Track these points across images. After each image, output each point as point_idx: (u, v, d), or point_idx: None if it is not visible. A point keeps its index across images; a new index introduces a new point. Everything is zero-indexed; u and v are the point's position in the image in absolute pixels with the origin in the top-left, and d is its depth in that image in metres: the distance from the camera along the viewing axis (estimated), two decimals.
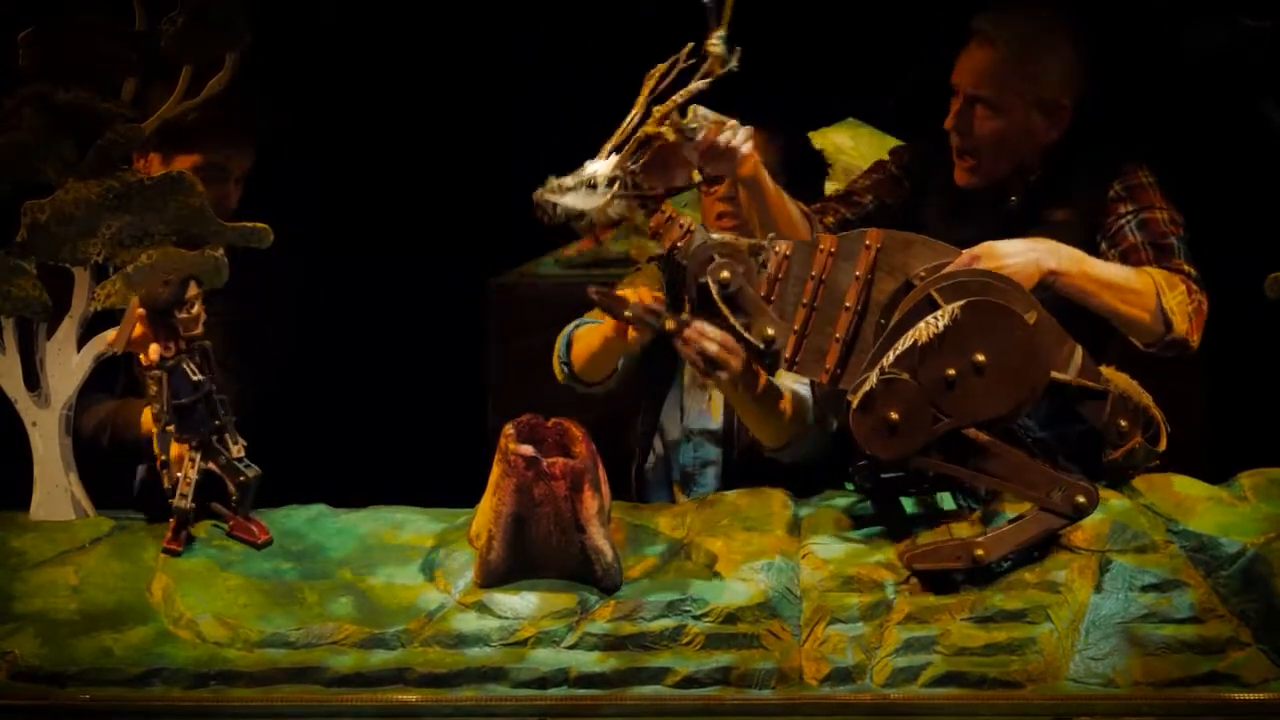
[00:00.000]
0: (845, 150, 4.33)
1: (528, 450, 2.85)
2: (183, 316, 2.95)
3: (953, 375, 2.84)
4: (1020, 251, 3.14)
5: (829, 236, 2.99)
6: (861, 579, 2.89)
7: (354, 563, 2.98)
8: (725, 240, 2.96)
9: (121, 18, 2.98)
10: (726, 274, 2.92)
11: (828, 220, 3.47)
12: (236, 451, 3.00)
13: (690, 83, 2.85)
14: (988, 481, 2.93)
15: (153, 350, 2.97)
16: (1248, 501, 3.01)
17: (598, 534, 2.87)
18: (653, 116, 2.86)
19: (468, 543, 2.98)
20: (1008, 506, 2.99)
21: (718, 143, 3.00)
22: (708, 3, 2.80)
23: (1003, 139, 3.45)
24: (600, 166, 2.86)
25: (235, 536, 3.02)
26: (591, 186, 2.85)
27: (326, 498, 3.18)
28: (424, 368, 4.49)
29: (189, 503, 2.99)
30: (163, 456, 3.02)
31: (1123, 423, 2.99)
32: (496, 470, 2.87)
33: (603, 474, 2.95)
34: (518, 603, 2.85)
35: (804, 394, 3.39)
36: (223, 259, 2.97)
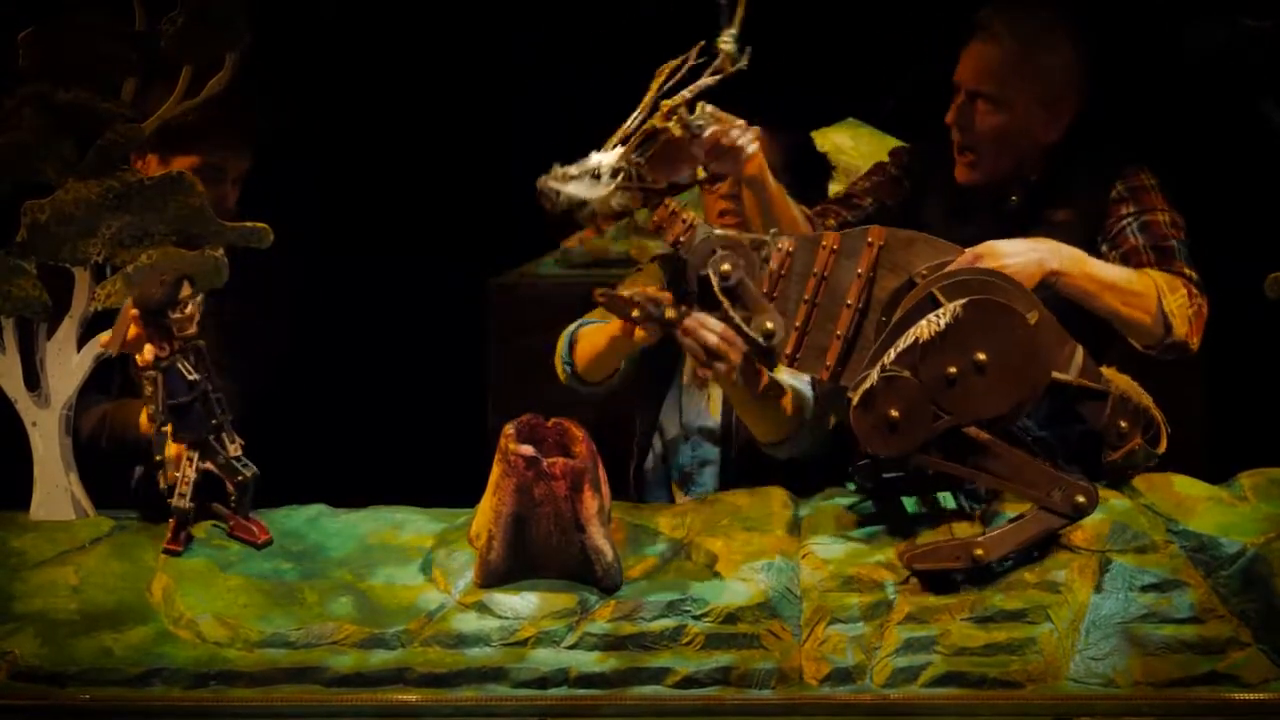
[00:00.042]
0: (845, 150, 4.33)
1: (528, 450, 2.85)
2: (176, 316, 2.95)
3: (954, 373, 2.84)
4: (1022, 251, 3.14)
5: (832, 233, 2.99)
6: (861, 579, 2.89)
7: (354, 563, 2.98)
8: (728, 235, 2.97)
9: (121, 18, 2.99)
10: (728, 266, 2.92)
11: (829, 223, 3.47)
12: (234, 450, 3.00)
13: (700, 79, 2.85)
14: (988, 480, 2.93)
15: (147, 351, 2.97)
16: (1248, 501, 3.01)
17: (598, 534, 2.86)
18: (660, 111, 2.87)
19: (468, 543, 2.98)
20: (1008, 506, 2.99)
21: (723, 141, 3.01)
22: (721, 1, 2.81)
23: (1003, 135, 3.45)
24: (605, 157, 2.87)
25: (235, 537, 3.02)
26: (595, 177, 2.85)
27: (326, 498, 3.18)
28: (424, 368, 4.49)
29: (188, 502, 2.99)
30: (159, 457, 3.02)
31: (1123, 424, 2.99)
32: (496, 470, 2.87)
33: (603, 474, 2.95)
34: (518, 603, 2.85)
35: (802, 390, 3.39)
36: (223, 259, 2.97)
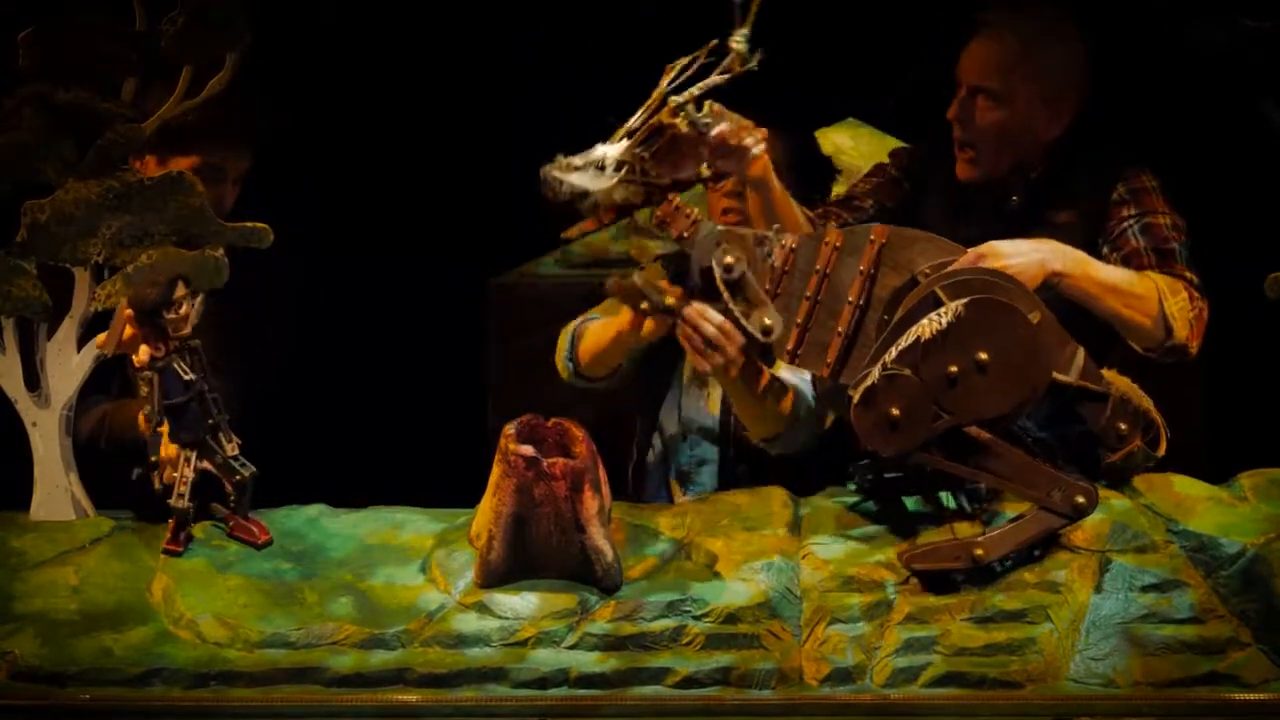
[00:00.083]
0: (845, 150, 4.33)
1: (528, 450, 2.85)
2: (171, 317, 2.95)
3: (955, 372, 2.84)
4: (1025, 252, 3.14)
5: (835, 231, 2.99)
6: (862, 579, 2.89)
7: (354, 563, 2.98)
8: (731, 229, 2.97)
9: (121, 18, 2.98)
10: (731, 259, 2.92)
11: (829, 225, 3.47)
12: (231, 450, 3.00)
13: (709, 77, 2.86)
14: (988, 480, 2.93)
15: (143, 351, 2.97)
16: (1248, 502, 3.01)
17: (598, 534, 2.86)
18: (668, 106, 2.87)
19: (468, 543, 2.98)
20: (1008, 507, 2.99)
21: (729, 140, 3.01)
22: (736, 1, 2.81)
23: (1004, 131, 3.46)
24: (610, 150, 2.87)
25: (235, 537, 3.02)
26: (600, 168, 2.86)
27: (326, 498, 3.18)
28: (424, 368, 4.48)
29: (186, 502, 2.99)
30: (153, 458, 3.02)
31: (1122, 426, 2.98)
32: (497, 470, 2.87)
33: (603, 474, 2.95)
34: (518, 603, 2.85)
35: (797, 386, 3.39)
36: (223, 259, 2.97)
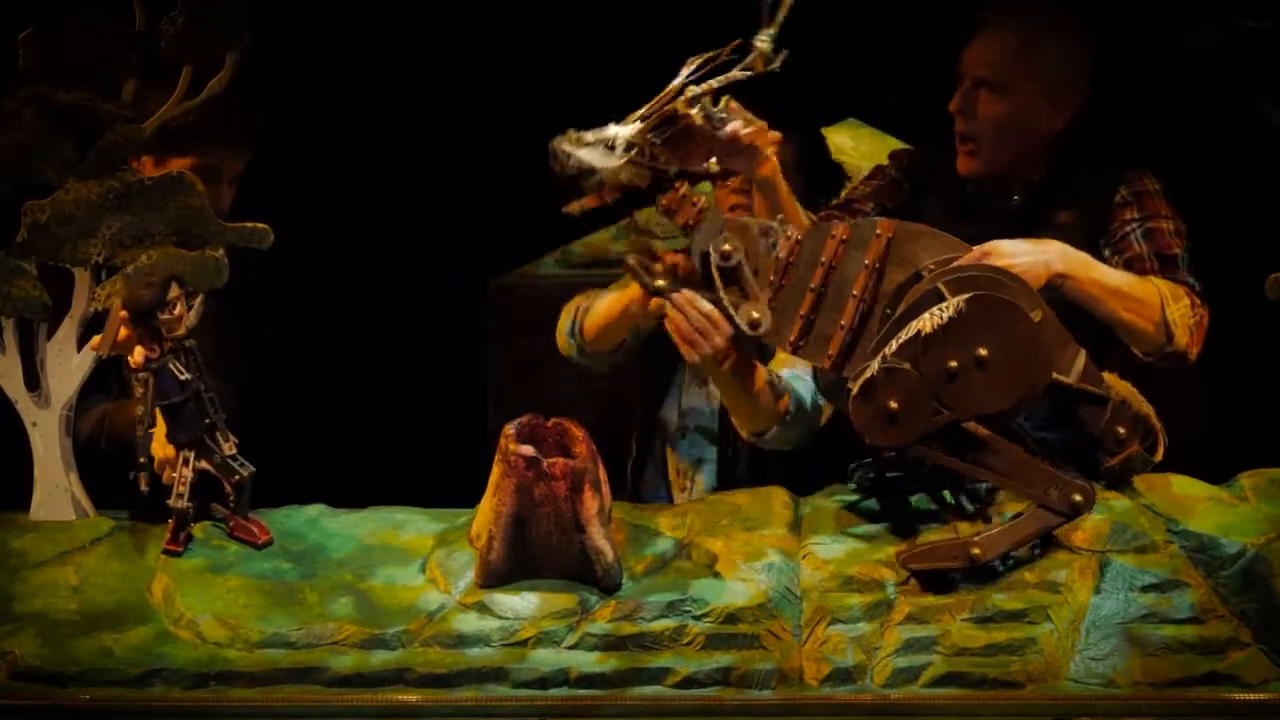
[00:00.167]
0: (845, 150, 4.32)
1: (528, 450, 2.85)
2: (165, 318, 2.95)
3: (954, 368, 2.83)
4: (1030, 251, 3.14)
5: (841, 224, 2.98)
6: (862, 579, 2.89)
7: (354, 563, 2.98)
8: (736, 219, 2.97)
9: (121, 18, 2.98)
10: (728, 247, 2.91)
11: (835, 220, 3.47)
12: (228, 449, 3.00)
13: (730, 72, 2.86)
14: (986, 476, 2.92)
15: (137, 352, 2.97)
16: (1248, 502, 3.01)
17: (598, 534, 2.86)
18: (685, 96, 2.87)
19: (468, 543, 2.98)
20: (1007, 507, 2.99)
21: (741, 138, 3.01)
22: (764, 1, 2.82)
23: (1006, 123, 3.46)
24: (622, 130, 2.87)
25: (235, 537, 3.02)
26: (610, 147, 2.85)
27: (326, 498, 3.18)
28: (424, 368, 4.49)
29: (185, 502, 2.99)
30: (142, 459, 3.02)
31: (1121, 430, 2.98)
32: (497, 470, 2.87)
33: (603, 474, 2.95)
34: (518, 603, 2.85)
35: (793, 384, 3.38)
36: (223, 259, 2.97)
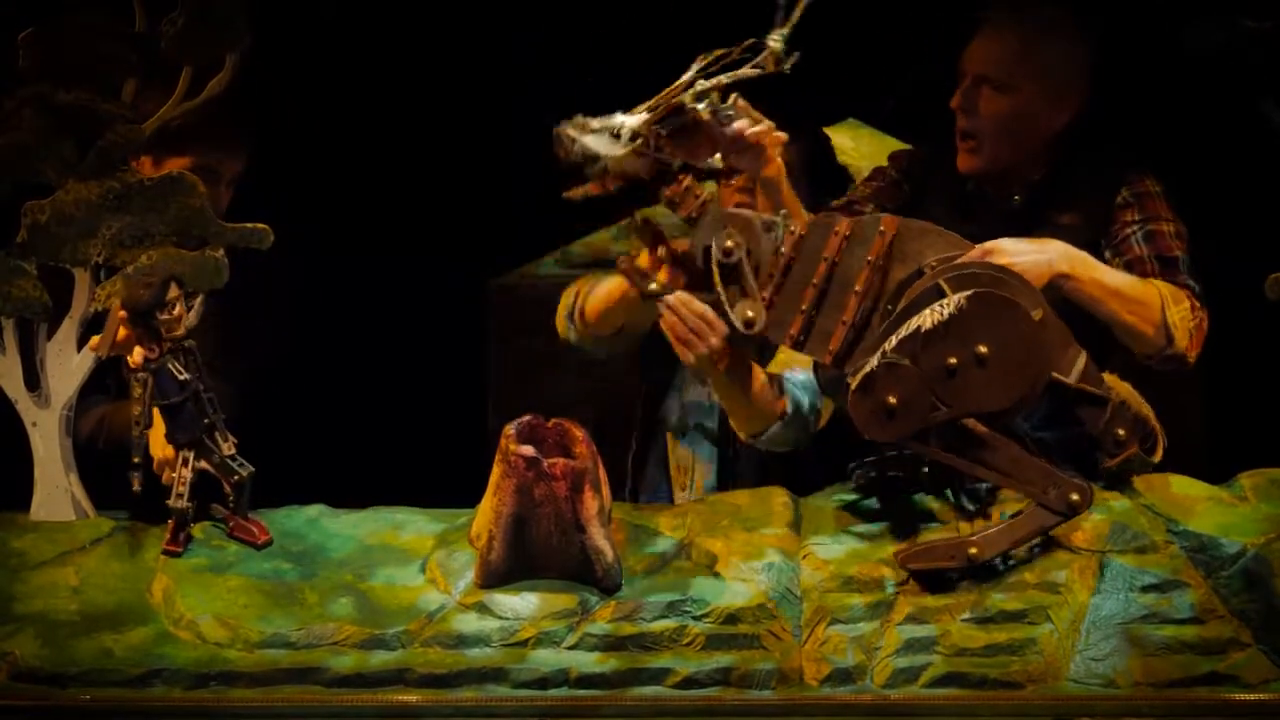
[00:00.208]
0: (845, 150, 4.32)
1: (528, 451, 2.85)
2: (164, 318, 2.95)
3: (954, 364, 2.83)
4: (1032, 251, 3.14)
5: (844, 220, 2.97)
6: (862, 579, 2.89)
7: (354, 563, 2.98)
8: (740, 213, 2.96)
9: (121, 18, 2.98)
10: (731, 244, 2.91)
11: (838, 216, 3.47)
12: (228, 449, 3.00)
13: (741, 70, 2.86)
14: (984, 474, 2.92)
15: (136, 353, 2.97)
16: (1248, 502, 3.01)
17: (598, 534, 2.86)
18: (694, 90, 2.87)
19: (468, 543, 2.98)
20: (1008, 507, 2.98)
21: (747, 136, 3.01)
22: (780, 1, 2.82)
23: (1007, 120, 3.46)
24: (629, 119, 2.87)
25: (235, 537, 3.02)
26: (615, 136, 2.85)
27: (326, 498, 3.18)
28: (424, 368, 4.48)
29: (185, 503, 2.99)
30: (136, 459, 3.02)
31: (1120, 431, 2.97)
32: (497, 471, 2.87)
33: (603, 474, 2.95)
34: (518, 603, 2.85)
35: (792, 386, 3.38)
36: (223, 260, 2.97)
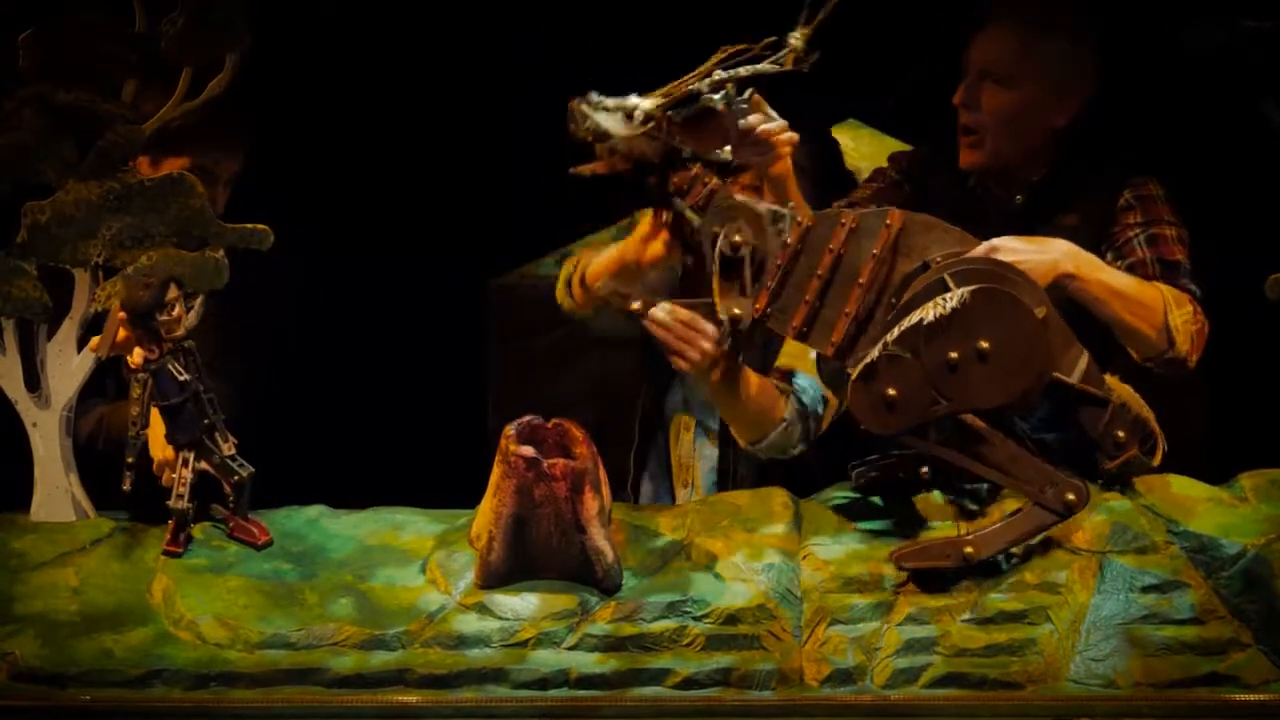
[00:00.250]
0: (845, 151, 4.33)
1: (528, 451, 2.85)
2: (164, 319, 2.95)
3: (955, 359, 2.83)
4: (1037, 249, 3.14)
5: (850, 212, 2.96)
6: (862, 580, 2.89)
7: (354, 564, 2.98)
8: (747, 202, 2.94)
9: (121, 18, 2.98)
10: (739, 239, 2.90)
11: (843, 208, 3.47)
12: (227, 450, 3.00)
13: (760, 65, 2.86)
14: (981, 470, 2.92)
15: (136, 354, 2.98)
16: (1248, 502, 3.01)
17: (598, 535, 2.86)
18: (710, 79, 2.87)
19: (468, 544, 2.98)
20: (1008, 507, 2.98)
21: (759, 132, 3.01)
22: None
23: (1010, 117, 3.46)
24: (643, 101, 2.87)
25: (235, 538, 3.02)
26: (628, 116, 2.86)
27: (326, 499, 3.18)
28: (424, 368, 4.48)
29: (185, 503, 2.99)
30: (130, 459, 3.02)
31: (1120, 433, 2.97)
32: (497, 471, 2.87)
33: (603, 475, 2.95)
34: (518, 604, 2.85)
35: (792, 391, 3.38)
36: (223, 260, 2.97)
